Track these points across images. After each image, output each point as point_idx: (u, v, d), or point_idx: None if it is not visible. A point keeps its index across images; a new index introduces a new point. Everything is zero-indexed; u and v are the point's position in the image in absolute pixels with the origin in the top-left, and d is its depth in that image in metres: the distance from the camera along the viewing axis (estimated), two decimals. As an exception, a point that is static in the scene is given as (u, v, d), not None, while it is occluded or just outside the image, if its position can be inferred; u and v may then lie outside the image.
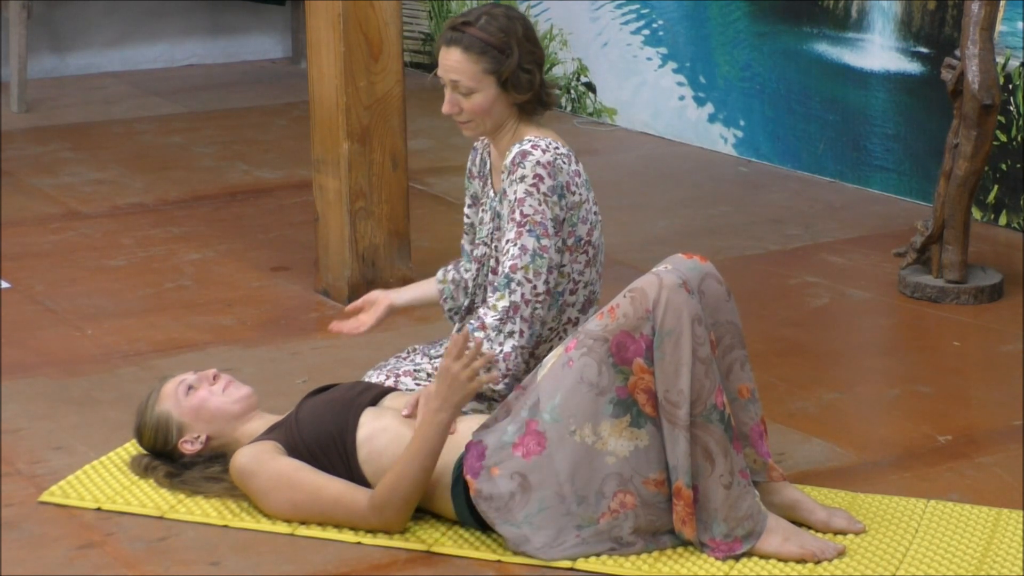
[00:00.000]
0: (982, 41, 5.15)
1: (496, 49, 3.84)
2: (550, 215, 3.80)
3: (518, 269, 3.78)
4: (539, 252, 3.79)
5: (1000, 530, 3.68)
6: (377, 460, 3.68)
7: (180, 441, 3.85)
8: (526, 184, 3.79)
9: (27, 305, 5.27)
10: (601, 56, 7.83)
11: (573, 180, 3.86)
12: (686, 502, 3.52)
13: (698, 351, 3.49)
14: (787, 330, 5.05)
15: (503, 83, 3.86)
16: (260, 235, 6.06)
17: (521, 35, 3.88)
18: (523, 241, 3.79)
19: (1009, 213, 6.03)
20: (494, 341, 3.77)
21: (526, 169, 3.80)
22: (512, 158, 3.82)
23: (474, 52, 3.84)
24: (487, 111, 3.88)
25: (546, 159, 3.81)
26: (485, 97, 3.86)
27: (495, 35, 3.85)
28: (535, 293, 3.79)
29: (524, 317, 3.78)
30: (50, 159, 7.19)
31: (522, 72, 3.87)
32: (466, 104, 3.87)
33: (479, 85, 3.85)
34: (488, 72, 3.85)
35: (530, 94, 3.89)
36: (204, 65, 9.27)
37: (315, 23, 5.21)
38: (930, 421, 4.33)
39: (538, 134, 3.89)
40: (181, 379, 3.89)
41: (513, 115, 3.92)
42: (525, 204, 3.79)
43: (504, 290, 3.79)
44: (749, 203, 6.48)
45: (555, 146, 3.85)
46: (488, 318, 3.79)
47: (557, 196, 3.81)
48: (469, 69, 3.85)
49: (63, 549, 3.64)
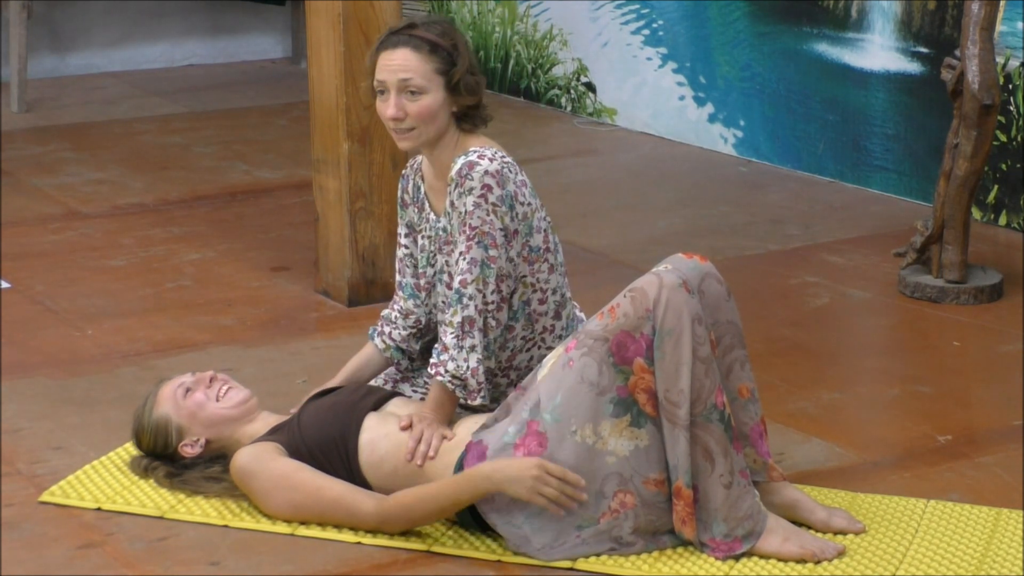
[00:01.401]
0: (982, 41, 5.15)
1: (445, 50, 3.78)
2: (499, 225, 3.73)
3: (468, 283, 3.72)
4: (487, 262, 3.72)
5: (1000, 530, 3.68)
6: (378, 465, 3.68)
7: (180, 445, 3.85)
8: (474, 196, 3.71)
9: (27, 305, 5.27)
10: (601, 56, 7.83)
11: (520, 190, 3.78)
12: (686, 502, 3.52)
13: (698, 351, 3.49)
14: (787, 330, 5.05)
15: (453, 85, 3.78)
16: (260, 235, 6.06)
17: (463, 41, 3.84)
18: (472, 254, 3.72)
19: (1009, 213, 6.03)
20: (458, 359, 3.72)
21: (474, 180, 3.71)
22: (459, 169, 3.73)
23: (424, 52, 3.76)
24: (434, 115, 3.78)
25: (494, 168, 3.72)
26: (434, 99, 3.77)
27: (442, 37, 3.79)
28: (485, 303, 3.73)
29: (480, 328, 3.73)
30: (50, 159, 7.19)
31: (470, 75, 3.82)
32: (412, 108, 3.76)
33: (430, 84, 3.76)
34: (438, 72, 3.77)
35: (477, 99, 3.82)
36: (204, 65, 9.27)
37: (315, 23, 5.21)
38: (930, 421, 4.33)
39: (482, 144, 3.82)
40: (180, 382, 3.89)
41: (452, 125, 3.84)
42: (474, 216, 3.71)
43: (456, 305, 3.74)
44: (749, 203, 6.48)
45: (501, 155, 3.77)
46: (447, 337, 3.74)
47: (507, 206, 3.74)
48: (420, 67, 3.75)
49: (63, 549, 3.64)
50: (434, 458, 3.64)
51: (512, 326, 3.83)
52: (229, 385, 3.90)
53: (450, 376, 3.72)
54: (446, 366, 3.72)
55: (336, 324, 5.11)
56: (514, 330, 3.84)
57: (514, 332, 3.85)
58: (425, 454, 3.64)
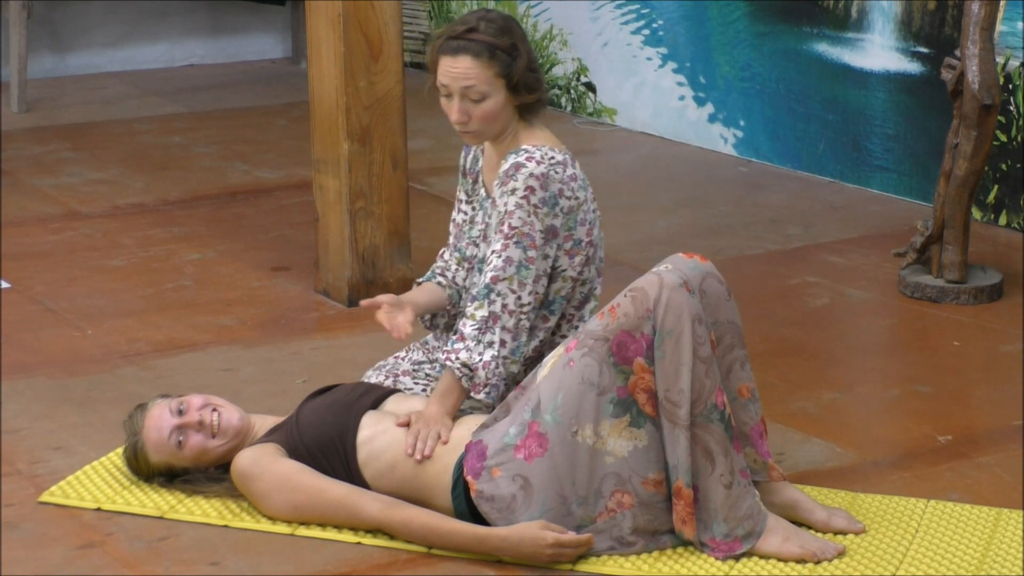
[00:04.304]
0: (982, 41, 5.15)
1: (504, 52, 3.82)
2: (539, 227, 3.76)
3: (500, 280, 3.75)
4: (525, 263, 3.75)
5: (1000, 530, 3.68)
6: (377, 463, 3.68)
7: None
8: (516, 197, 3.75)
9: (27, 305, 5.27)
10: (601, 56, 7.83)
11: (568, 185, 3.81)
12: (686, 502, 3.52)
13: (699, 350, 3.49)
14: (787, 330, 5.05)
15: (513, 86, 3.83)
16: (260, 235, 6.06)
17: (520, 35, 3.87)
18: (508, 253, 3.75)
19: (1009, 213, 6.03)
20: (473, 351, 3.73)
21: (518, 182, 3.75)
22: (506, 169, 3.78)
23: (484, 58, 3.79)
24: (496, 116, 3.83)
25: (539, 171, 3.76)
26: (496, 102, 3.82)
27: (500, 38, 3.82)
28: (519, 304, 3.76)
29: (507, 328, 3.74)
30: (50, 159, 7.19)
31: (530, 72, 3.86)
32: (476, 112, 3.82)
33: (491, 89, 3.81)
34: (499, 76, 3.81)
35: (537, 95, 3.88)
36: (204, 65, 9.27)
37: (315, 23, 5.21)
38: (930, 421, 4.33)
39: (536, 141, 3.85)
40: (168, 425, 3.78)
41: (514, 118, 3.90)
42: (514, 216, 3.75)
43: (483, 300, 3.76)
44: (749, 203, 6.48)
45: (550, 156, 3.80)
46: (466, 328, 3.75)
47: (548, 207, 3.78)
48: (482, 74, 3.79)
49: (63, 549, 3.64)
50: (430, 457, 3.65)
51: (546, 316, 3.86)
52: (217, 411, 3.80)
53: (460, 363, 3.72)
54: (458, 354, 3.72)
55: (336, 324, 5.11)
56: (548, 320, 3.87)
57: (548, 323, 3.87)
58: (422, 451, 3.65)
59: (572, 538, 3.50)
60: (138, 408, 3.87)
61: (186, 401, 3.81)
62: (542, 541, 3.49)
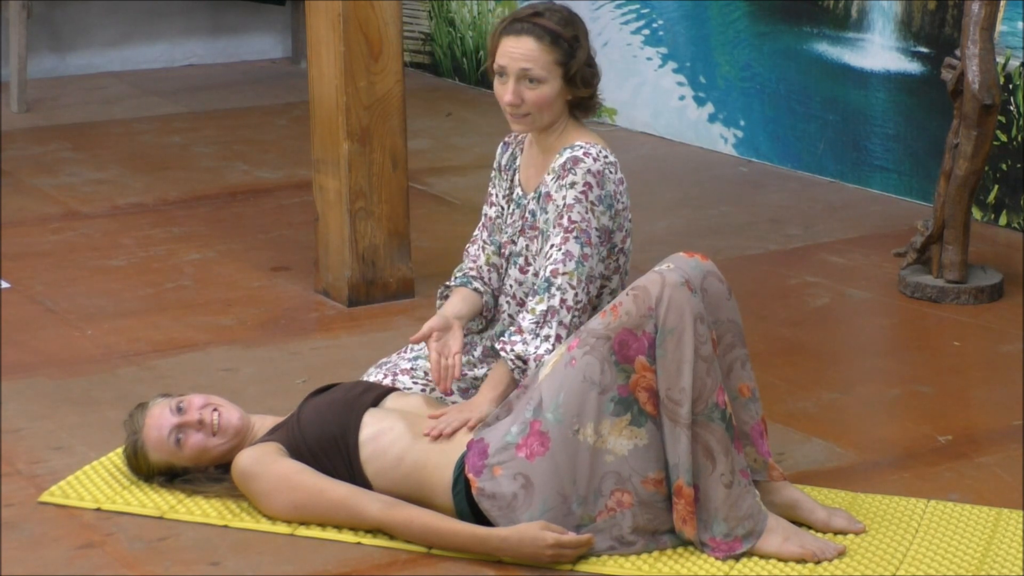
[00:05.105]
0: (982, 41, 5.15)
1: (566, 41, 3.82)
2: (595, 224, 3.77)
3: (560, 274, 3.75)
4: (582, 260, 3.75)
5: (1000, 530, 3.68)
6: (379, 460, 3.68)
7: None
8: (576, 191, 3.76)
9: (27, 305, 5.27)
10: (601, 56, 7.78)
11: (619, 188, 3.83)
12: (687, 501, 3.52)
13: (700, 349, 3.50)
14: (787, 330, 5.05)
15: (570, 77, 3.83)
16: (260, 235, 6.06)
17: (583, 30, 3.88)
18: (568, 247, 3.75)
19: (1009, 213, 6.03)
20: (529, 344, 3.73)
21: (576, 176, 3.76)
22: (563, 162, 3.78)
23: (546, 42, 3.80)
24: (549, 104, 3.83)
25: (596, 168, 3.78)
26: (551, 89, 3.82)
27: (564, 28, 3.83)
28: (576, 301, 3.75)
29: (563, 323, 3.74)
30: (50, 159, 7.19)
31: (588, 68, 3.86)
32: (530, 96, 3.81)
33: (549, 75, 3.81)
34: (558, 63, 3.81)
35: (591, 91, 3.87)
36: (204, 65, 9.27)
37: (315, 23, 5.21)
38: (930, 421, 4.33)
39: (588, 140, 3.86)
40: (168, 424, 3.78)
41: (564, 112, 3.89)
42: (573, 211, 3.75)
43: (544, 293, 3.75)
44: (749, 203, 6.48)
45: (604, 155, 3.82)
46: (525, 322, 3.75)
47: (605, 206, 3.78)
48: (542, 58, 3.80)
49: (63, 549, 3.64)
50: (449, 436, 3.64)
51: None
52: (218, 411, 3.80)
53: (514, 355, 3.73)
54: (514, 346, 3.72)
55: (336, 324, 5.11)
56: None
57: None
58: (441, 431, 3.64)
59: (572, 539, 3.50)
60: (138, 407, 3.87)
61: (186, 400, 3.81)
62: (542, 542, 3.49)
